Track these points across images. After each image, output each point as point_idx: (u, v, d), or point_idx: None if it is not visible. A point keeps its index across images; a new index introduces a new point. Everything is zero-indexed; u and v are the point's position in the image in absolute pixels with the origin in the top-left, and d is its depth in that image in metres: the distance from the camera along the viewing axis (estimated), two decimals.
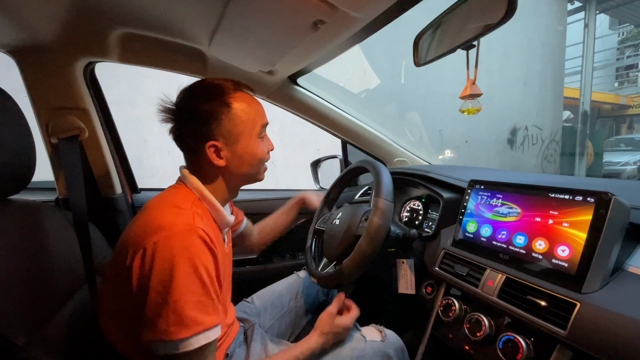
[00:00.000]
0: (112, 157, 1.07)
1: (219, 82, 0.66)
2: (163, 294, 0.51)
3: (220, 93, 0.64)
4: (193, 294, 0.52)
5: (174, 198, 0.63)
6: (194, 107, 0.63)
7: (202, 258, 0.54)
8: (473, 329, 0.68)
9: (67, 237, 0.74)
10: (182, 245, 0.53)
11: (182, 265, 0.52)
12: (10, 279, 0.56)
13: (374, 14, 0.67)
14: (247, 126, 0.66)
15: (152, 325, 0.51)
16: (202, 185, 0.66)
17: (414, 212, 1.11)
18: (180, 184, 0.67)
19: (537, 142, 6.59)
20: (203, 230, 0.56)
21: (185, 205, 0.60)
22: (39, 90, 0.89)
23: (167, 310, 0.51)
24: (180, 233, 0.54)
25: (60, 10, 0.73)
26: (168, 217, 0.56)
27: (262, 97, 1.20)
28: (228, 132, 0.64)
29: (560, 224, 0.61)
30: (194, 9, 0.76)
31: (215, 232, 0.65)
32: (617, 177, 7.35)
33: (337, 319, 0.76)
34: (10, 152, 0.61)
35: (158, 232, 0.53)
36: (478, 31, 0.65)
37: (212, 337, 0.54)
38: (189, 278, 0.52)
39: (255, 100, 0.70)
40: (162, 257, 0.51)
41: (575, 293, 0.55)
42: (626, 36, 12.73)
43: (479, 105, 0.82)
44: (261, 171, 0.73)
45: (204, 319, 0.53)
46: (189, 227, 0.55)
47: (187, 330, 0.51)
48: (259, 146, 0.69)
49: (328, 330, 0.75)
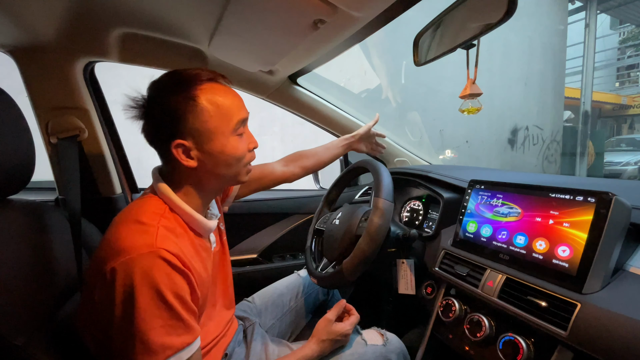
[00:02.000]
0: (112, 157, 1.07)
1: (187, 73, 0.58)
2: (127, 322, 0.48)
3: (186, 85, 0.57)
4: (158, 319, 0.49)
5: (138, 211, 0.57)
6: (158, 102, 0.57)
7: (165, 281, 0.50)
8: (473, 329, 0.67)
9: (67, 237, 0.74)
10: (142, 270, 0.48)
11: (144, 292, 0.48)
12: (10, 279, 0.56)
13: (374, 13, 0.67)
14: (219, 122, 0.58)
15: (122, 356, 0.49)
16: (172, 193, 0.59)
17: (414, 212, 1.11)
18: (150, 194, 0.61)
19: (538, 142, 6.59)
20: (167, 250, 0.51)
21: (150, 220, 0.54)
22: (38, 89, 0.89)
23: (134, 340, 0.48)
24: (140, 257, 0.49)
25: (60, 10, 0.73)
26: (128, 238, 0.51)
27: (262, 97, 1.20)
28: (197, 129, 0.57)
29: (560, 224, 0.61)
30: (194, 9, 0.76)
31: (193, 243, 0.60)
32: (618, 177, 7.34)
33: (335, 325, 0.75)
34: (9, 152, 0.61)
35: (116, 257, 0.49)
36: (478, 30, 0.64)
37: (184, 357, 0.52)
38: (153, 304, 0.49)
39: (231, 92, 0.61)
40: (122, 285, 0.48)
41: (576, 293, 0.55)
42: (627, 36, 12.72)
43: (479, 104, 0.82)
44: (242, 172, 0.64)
45: (173, 341, 0.50)
46: (150, 248, 0.50)
47: (156, 357, 0.49)
48: (236, 144, 0.60)
49: (325, 337, 0.74)
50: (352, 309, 0.81)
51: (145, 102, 0.58)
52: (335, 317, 0.77)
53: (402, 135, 4.40)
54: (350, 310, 0.81)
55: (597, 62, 8.59)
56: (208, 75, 0.59)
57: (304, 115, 1.27)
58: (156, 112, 0.57)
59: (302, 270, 1.10)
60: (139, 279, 0.48)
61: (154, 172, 0.64)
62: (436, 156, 4.76)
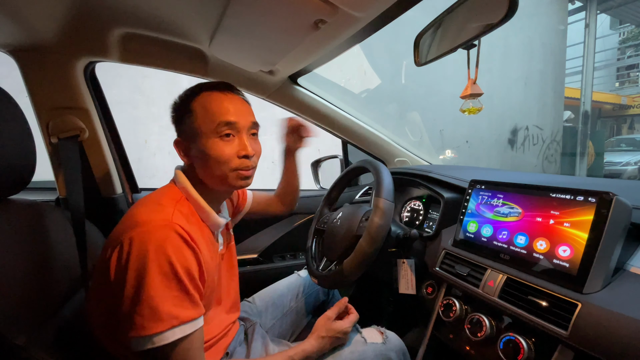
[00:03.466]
0: (113, 157, 1.07)
1: (200, 83, 0.68)
2: (138, 289, 0.51)
3: (192, 93, 0.66)
4: (168, 289, 0.52)
5: (158, 196, 0.63)
6: (173, 106, 0.69)
7: (177, 254, 0.54)
8: (474, 329, 0.67)
9: (67, 237, 0.74)
10: (157, 240, 0.53)
11: (157, 261, 0.52)
12: (11, 279, 0.56)
13: (374, 13, 0.67)
14: (202, 123, 0.63)
15: (130, 322, 0.52)
16: (189, 184, 0.66)
17: (414, 212, 1.11)
18: (171, 183, 0.68)
19: (538, 142, 6.59)
20: (181, 226, 0.56)
21: (167, 203, 0.61)
22: (39, 90, 0.89)
23: (143, 306, 0.51)
24: (156, 228, 0.54)
25: (61, 10, 0.73)
26: (147, 213, 0.57)
27: (262, 97, 1.20)
28: (189, 130, 0.65)
29: (561, 224, 0.61)
30: (194, 9, 0.76)
31: (203, 232, 0.65)
32: (618, 178, 7.34)
33: (334, 323, 0.76)
34: (10, 152, 0.61)
35: (135, 228, 0.54)
36: (479, 30, 0.64)
37: (188, 330, 0.54)
38: (164, 273, 0.52)
39: (222, 98, 0.65)
40: (137, 253, 0.52)
41: (577, 293, 0.55)
42: (627, 36, 12.72)
43: (480, 104, 0.82)
44: (230, 177, 0.65)
45: (179, 312, 0.53)
46: (166, 222, 0.55)
47: (161, 324, 0.51)
48: (218, 146, 0.63)
49: (325, 334, 0.74)
50: (352, 308, 0.82)
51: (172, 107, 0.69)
52: (335, 315, 0.78)
53: (402, 135, 4.40)
54: (349, 310, 0.81)
55: (597, 62, 8.59)
56: (214, 85, 0.67)
57: (304, 115, 1.27)
58: (171, 117, 0.69)
59: (303, 271, 1.10)
60: (154, 248, 0.52)
61: (178, 166, 0.72)
62: (436, 156, 4.75)
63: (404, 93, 4.66)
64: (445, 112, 4.83)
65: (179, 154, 0.68)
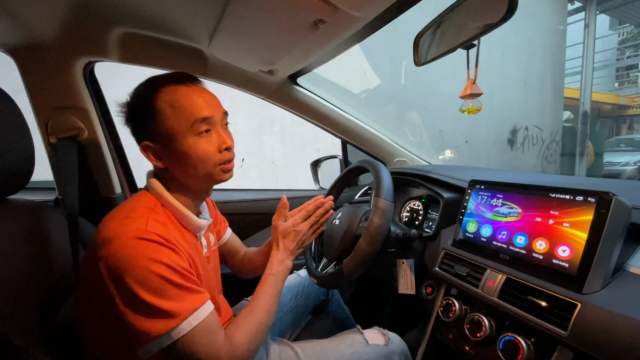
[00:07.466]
0: (112, 156, 1.06)
1: (153, 78, 0.62)
2: (132, 301, 0.50)
3: (150, 89, 0.60)
4: (160, 296, 0.51)
5: (129, 207, 0.59)
6: (129, 105, 0.62)
7: (157, 256, 0.52)
8: (473, 329, 0.67)
9: (67, 237, 0.74)
10: (131, 251, 0.51)
11: (139, 269, 0.50)
12: (10, 279, 0.56)
13: (374, 13, 0.67)
14: (175, 123, 0.59)
15: (137, 332, 0.51)
16: (162, 189, 0.62)
17: (414, 212, 1.11)
18: (143, 191, 0.64)
19: (538, 142, 6.59)
20: (157, 234, 0.53)
21: (140, 213, 0.57)
22: (38, 89, 0.89)
23: (145, 313, 0.50)
24: (129, 240, 0.51)
25: (60, 10, 0.73)
26: (116, 228, 0.54)
27: (262, 97, 1.20)
28: (158, 132, 0.60)
29: (560, 224, 0.61)
30: (194, 9, 0.76)
31: (184, 237, 0.62)
32: (618, 178, 7.35)
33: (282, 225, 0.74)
34: (9, 151, 0.61)
35: (106, 245, 0.52)
36: (478, 30, 0.64)
37: (202, 315, 0.54)
38: (150, 278, 0.51)
39: (195, 92, 0.61)
40: (117, 268, 0.50)
41: (576, 293, 0.55)
42: (626, 36, 12.74)
43: (479, 104, 0.82)
44: (215, 172, 0.63)
45: (183, 306, 0.53)
46: (137, 232, 0.52)
47: (173, 321, 0.51)
48: (197, 144, 0.60)
49: (280, 240, 0.73)
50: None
51: (123, 108, 0.63)
52: (279, 220, 0.76)
53: (402, 135, 4.40)
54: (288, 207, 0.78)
55: (597, 62, 8.60)
56: (173, 78, 0.61)
57: (304, 115, 1.27)
58: (127, 118, 0.63)
59: (302, 270, 1.10)
60: (132, 259, 0.50)
61: (149, 171, 0.67)
62: (436, 156, 4.76)
63: (403, 93, 4.66)
64: (445, 112, 4.83)
65: (149, 159, 0.62)
